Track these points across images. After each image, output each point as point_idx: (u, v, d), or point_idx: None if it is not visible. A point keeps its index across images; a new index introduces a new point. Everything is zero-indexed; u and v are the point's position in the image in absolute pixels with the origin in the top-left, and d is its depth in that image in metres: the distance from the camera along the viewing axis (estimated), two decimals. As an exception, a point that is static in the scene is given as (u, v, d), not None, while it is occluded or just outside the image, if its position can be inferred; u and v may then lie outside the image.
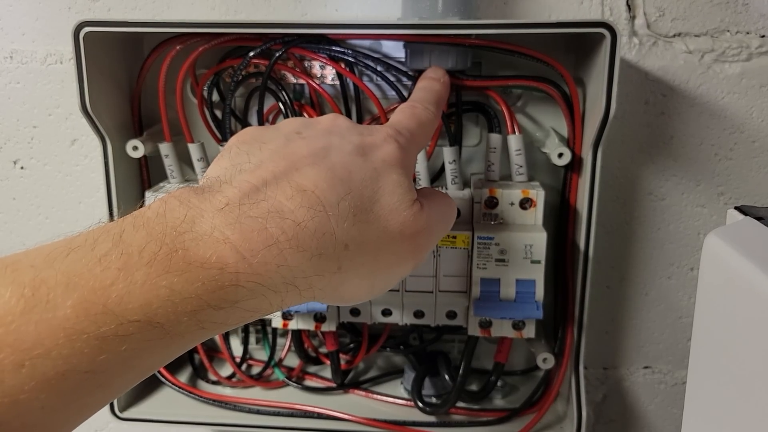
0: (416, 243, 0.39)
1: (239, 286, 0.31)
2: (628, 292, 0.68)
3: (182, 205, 0.33)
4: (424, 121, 0.45)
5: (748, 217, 0.39)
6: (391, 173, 0.38)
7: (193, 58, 0.56)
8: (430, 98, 0.48)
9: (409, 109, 0.46)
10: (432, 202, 0.41)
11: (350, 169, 0.37)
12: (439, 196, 0.44)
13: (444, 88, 0.51)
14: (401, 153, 0.40)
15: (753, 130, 0.62)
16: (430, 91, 0.49)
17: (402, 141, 0.41)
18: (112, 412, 0.61)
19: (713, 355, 0.38)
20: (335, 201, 0.35)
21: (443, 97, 0.50)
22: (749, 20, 0.60)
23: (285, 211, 0.33)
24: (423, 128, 0.45)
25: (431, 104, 0.47)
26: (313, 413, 0.61)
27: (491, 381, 0.61)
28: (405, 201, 0.38)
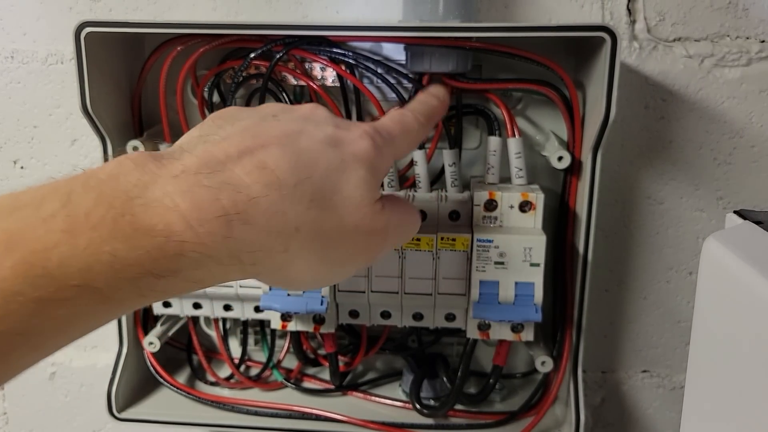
0: (369, 242, 0.39)
1: (183, 255, 0.31)
2: (627, 295, 0.68)
3: (137, 168, 0.32)
4: (409, 129, 0.44)
5: (747, 222, 0.40)
6: (358, 169, 0.38)
7: (193, 59, 0.56)
8: (424, 110, 0.47)
9: (399, 114, 0.45)
10: (394, 208, 0.41)
11: (317, 156, 0.37)
12: (403, 204, 0.44)
13: (441, 106, 0.50)
14: (374, 152, 0.39)
15: (752, 135, 0.63)
16: (426, 105, 0.49)
17: (378, 141, 0.40)
18: (110, 413, 0.60)
19: (712, 359, 0.38)
20: (293, 183, 0.35)
21: (437, 114, 0.50)
22: (749, 25, 0.61)
23: (240, 185, 0.33)
24: (406, 136, 0.44)
25: (423, 116, 0.46)
26: (311, 415, 0.61)
27: (490, 384, 0.61)
28: (366, 198, 0.38)
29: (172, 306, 0.60)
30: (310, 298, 0.53)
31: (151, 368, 0.63)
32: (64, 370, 0.76)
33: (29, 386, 0.77)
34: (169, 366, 0.65)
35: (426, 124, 0.47)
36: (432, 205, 0.55)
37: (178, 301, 0.59)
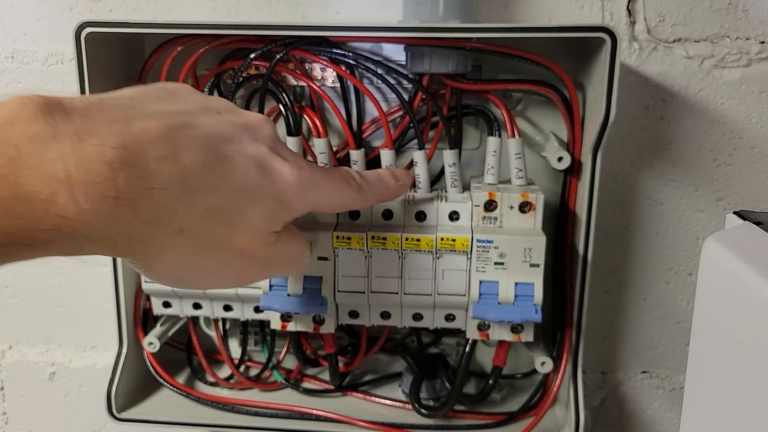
0: (248, 268, 0.39)
1: (59, 230, 0.29)
2: (627, 296, 0.68)
3: (39, 116, 0.29)
4: (345, 190, 0.43)
5: (747, 222, 0.40)
6: (271, 200, 0.37)
7: (194, 59, 0.56)
8: (376, 186, 0.47)
9: (346, 173, 0.44)
10: (289, 242, 0.40)
11: (236, 170, 0.35)
12: (298, 240, 0.43)
13: (397, 190, 0.50)
14: (296, 190, 0.38)
15: (752, 136, 0.63)
16: (381, 183, 0.48)
17: (306, 182, 0.39)
18: (110, 413, 0.60)
19: (712, 360, 0.38)
20: (197, 186, 0.33)
21: (388, 194, 0.49)
22: (749, 26, 0.61)
23: (143, 170, 0.31)
24: (337, 194, 0.43)
25: (371, 191, 0.46)
26: (310, 415, 0.61)
27: (489, 384, 0.61)
28: (266, 229, 0.37)
29: (172, 306, 0.60)
30: (310, 298, 0.53)
31: (150, 368, 0.63)
32: (64, 371, 0.76)
33: (29, 386, 0.77)
34: (169, 366, 0.65)
35: (368, 198, 0.46)
36: (432, 205, 0.55)
37: (178, 301, 0.59)
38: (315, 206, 0.42)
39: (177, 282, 0.38)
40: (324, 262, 0.53)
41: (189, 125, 0.34)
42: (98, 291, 0.73)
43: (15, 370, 0.77)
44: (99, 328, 0.75)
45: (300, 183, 0.38)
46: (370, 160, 0.59)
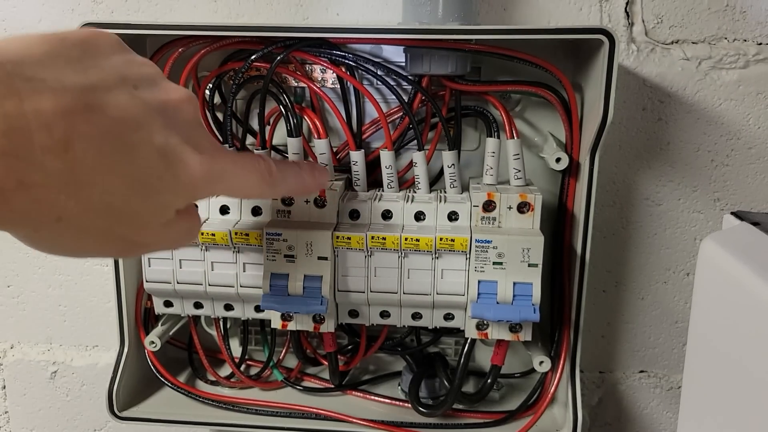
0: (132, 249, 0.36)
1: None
2: (625, 296, 0.68)
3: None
4: (251, 187, 0.41)
5: (744, 223, 0.40)
6: (172, 194, 0.34)
7: (195, 60, 0.56)
8: (289, 182, 0.44)
9: (262, 168, 0.41)
10: (179, 225, 0.37)
11: (136, 162, 0.32)
12: (190, 221, 0.39)
13: (312, 187, 0.47)
14: (203, 182, 0.35)
15: (749, 137, 0.63)
16: (296, 178, 0.45)
17: (215, 172, 0.36)
18: (111, 412, 0.61)
19: (709, 359, 0.38)
20: (86, 182, 0.30)
21: (299, 191, 0.47)
22: (747, 28, 0.61)
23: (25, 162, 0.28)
24: (240, 191, 0.41)
25: (283, 183, 0.43)
26: (310, 414, 0.62)
27: (488, 383, 0.61)
28: (159, 220, 0.35)
29: (173, 306, 0.60)
30: (310, 298, 0.54)
31: (152, 367, 0.64)
32: (66, 370, 0.76)
33: (30, 385, 0.77)
34: (170, 365, 0.65)
35: (278, 192, 0.44)
36: (431, 205, 0.56)
37: (179, 300, 0.60)
38: (220, 194, 0.39)
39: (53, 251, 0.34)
40: (324, 261, 0.54)
41: (92, 108, 0.30)
42: (99, 290, 0.73)
43: (17, 369, 0.77)
44: (100, 328, 0.75)
45: (207, 176, 0.35)
46: (370, 160, 0.60)
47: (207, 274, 0.57)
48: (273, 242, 0.54)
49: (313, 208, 0.55)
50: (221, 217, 0.57)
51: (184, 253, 0.57)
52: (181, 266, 0.57)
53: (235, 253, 0.56)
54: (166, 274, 0.57)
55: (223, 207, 0.57)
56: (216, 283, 0.57)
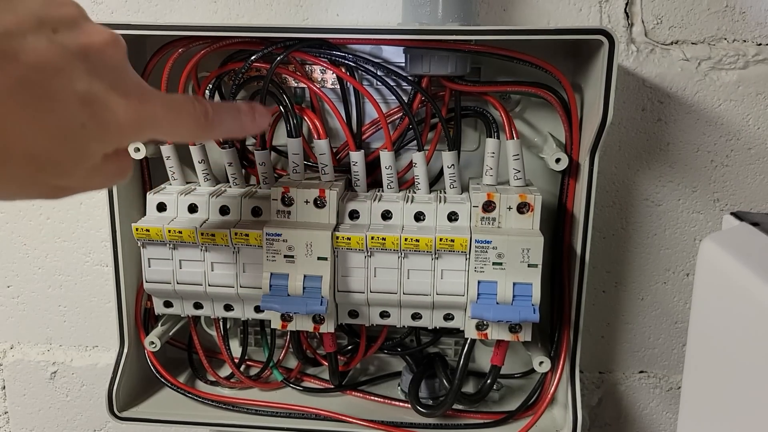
0: (57, 193, 0.34)
1: None
2: (624, 296, 0.68)
3: None
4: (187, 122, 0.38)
5: (743, 223, 0.40)
6: (98, 142, 0.33)
7: (195, 61, 0.56)
8: (226, 124, 0.42)
9: (197, 111, 0.39)
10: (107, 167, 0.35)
11: (56, 111, 0.30)
12: (119, 162, 0.37)
13: (251, 128, 0.45)
14: (132, 127, 0.34)
15: (749, 137, 0.63)
16: (235, 121, 0.43)
17: (145, 115, 0.34)
18: (111, 412, 0.61)
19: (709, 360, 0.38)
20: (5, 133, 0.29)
21: (238, 132, 0.44)
22: (746, 28, 0.61)
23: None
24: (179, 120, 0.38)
25: (217, 114, 0.40)
26: (310, 414, 0.62)
27: (488, 384, 0.61)
28: (83, 167, 0.33)
29: (173, 306, 0.60)
30: (310, 298, 0.54)
31: (151, 368, 0.64)
32: (65, 370, 0.76)
33: (30, 386, 0.77)
34: (170, 366, 0.65)
35: (215, 134, 0.43)
36: (431, 206, 0.56)
37: (179, 301, 0.60)
38: (153, 137, 0.37)
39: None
40: (324, 262, 0.54)
41: (6, 55, 0.29)
42: (99, 291, 0.73)
43: (16, 369, 0.77)
44: (100, 328, 0.75)
45: (135, 122, 0.34)
46: (370, 161, 0.60)
47: (207, 274, 0.57)
48: (273, 242, 0.54)
49: (313, 209, 0.55)
50: (221, 217, 0.57)
51: (184, 253, 0.57)
52: (181, 267, 0.57)
53: (235, 253, 0.56)
54: (166, 274, 0.57)
55: (223, 208, 0.57)
56: (216, 283, 0.57)
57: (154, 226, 0.55)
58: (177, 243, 0.56)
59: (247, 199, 0.57)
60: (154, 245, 0.57)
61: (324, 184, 0.57)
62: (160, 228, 0.55)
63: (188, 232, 0.55)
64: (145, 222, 0.56)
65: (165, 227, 0.55)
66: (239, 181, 0.60)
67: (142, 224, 0.56)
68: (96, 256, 0.72)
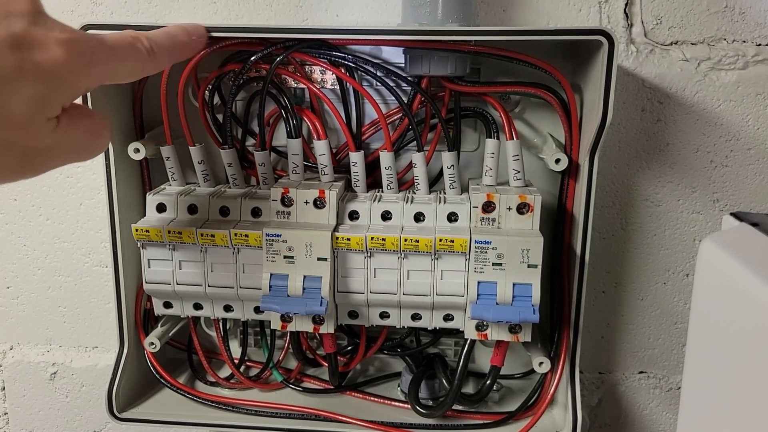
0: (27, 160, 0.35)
1: None
2: (624, 297, 0.68)
3: None
4: (132, 56, 0.39)
5: (743, 223, 0.40)
6: (36, 83, 0.33)
7: (194, 61, 0.56)
8: (165, 42, 0.43)
9: (128, 36, 0.40)
10: (75, 124, 0.37)
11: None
12: (85, 124, 0.38)
13: (192, 45, 0.46)
14: (69, 64, 0.34)
15: (749, 138, 0.63)
16: (173, 41, 0.44)
17: (82, 51, 0.35)
18: (111, 413, 0.61)
19: (708, 360, 0.38)
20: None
21: (180, 52, 0.45)
22: (746, 29, 0.61)
23: None
24: (126, 59, 0.39)
25: (159, 46, 0.41)
26: (310, 415, 0.62)
27: (488, 384, 0.61)
28: (36, 116, 0.33)
29: (172, 307, 0.60)
30: (309, 299, 0.54)
31: (151, 368, 0.64)
32: (65, 371, 0.76)
33: (30, 386, 0.77)
34: (170, 366, 0.65)
35: (161, 60, 0.42)
36: (431, 206, 0.56)
37: (179, 301, 0.60)
38: (103, 80, 0.38)
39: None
40: (323, 262, 0.54)
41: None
42: (99, 291, 0.73)
43: (16, 370, 0.77)
44: (100, 329, 0.75)
45: (76, 59, 0.34)
46: (370, 161, 0.60)
47: (206, 275, 0.57)
48: (272, 243, 0.54)
49: (313, 209, 0.55)
50: (221, 218, 0.57)
51: (184, 254, 0.57)
52: (180, 267, 0.57)
53: (235, 254, 0.56)
54: (166, 275, 0.57)
55: (223, 208, 0.57)
56: (215, 284, 0.57)
57: (154, 227, 0.55)
58: (177, 244, 0.56)
59: (247, 199, 0.57)
60: (154, 246, 0.57)
61: (324, 184, 0.57)
62: (160, 229, 0.55)
63: (188, 233, 0.55)
64: (144, 223, 0.56)
65: (165, 228, 0.55)
66: (239, 182, 0.60)
67: (142, 225, 0.56)
68: (96, 256, 0.72)
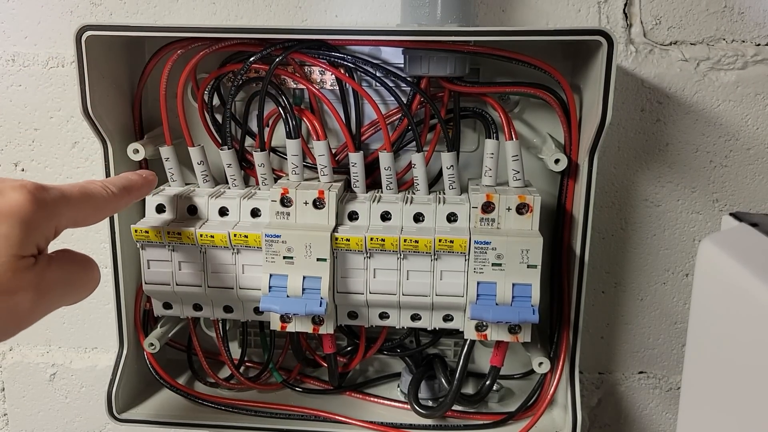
0: (13, 304, 0.37)
1: None
2: (624, 297, 0.68)
3: None
4: (91, 193, 0.44)
5: (742, 224, 0.40)
6: (6, 225, 0.36)
7: (194, 62, 0.56)
8: (118, 182, 0.48)
9: (84, 182, 0.45)
10: (58, 265, 0.40)
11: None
12: (71, 260, 0.42)
13: (139, 180, 0.51)
14: (30, 206, 0.38)
15: (748, 138, 0.63)
16: (122, 177, 0.49)
17: (41, 196, 0.39)
18: (110, 414, 0.61)
19: (708, 360, 0.38)
20: None
21: (135, 186, 0.50)
22: (745, 29, 0.61)
23: None
24: (87, 200, 0.43)
25: (115, 186, 0.46)
26: (310, 416, 0.62)
27: (487, 385, 0.61)
28: (5, 255, 0.36)
29: (172, 307, 0.60)
30: (309, 299, 0.54)
31: (151, 369, 0.64)
32: (65, 372, 0.76)
33: (29, 387, 0.77)
34: (169, 367, 0.65)
35: (117, 193, 0.46)
36: (430, 207, 0.56)
37: (179, 302, 0.60)
38: (71, 220, 0.42)
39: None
40: (323, 263, 0.54)
41: None
42: (99, 292, 0.73)
43: (16, 371, 0.77)
44: (99, 330, 0.75)
45: (31, 197, 0.38)
46: (369, 162, 0.60)
47: (206, 275, 0.57)
48: (272, 244, 0.54)
49: (312, 210, 0.55)
50: (220, 218, 0.57)
51: (184, 254, 0.57)
52: (180, 268, 0.57)
53: (234, 254, 0.56)
54: (166, 276, 0.57)
55: (222, 209, 0.57)
56: (215, 284, 0.57)
57: (153, 228, 0.55)
58: (176, 244, 0.56)
59: (246, 200, 0.57)
60: (153, 247, 0.57)
61: (323, 185, 0.57)
62: (160, 229, 0.55)
63: (187, 234, 0.55)
64: (144, 223, 0.56)
65: (164, 229, 0.55)
66: (238, 183, 0.60)
67: (141, 226, 0.56)
68: (95, 257, 0.72)
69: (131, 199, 0.50)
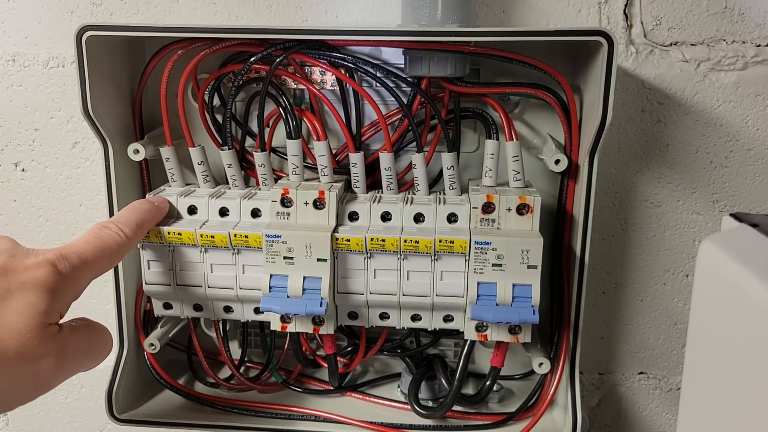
0: (38, 370, 0.39)
1: None
2: (624, 297, 0.68)
3: None
4: (107, 245, 0.46)
5: (742, 224, 0.40)
6: (26, 295, 0.38)
7: (194, 62, 0.56)
8: (131, 219, 0.49)
9: (98, 230, 0.46)
10: (78, 333, 0.42)
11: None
12: (89, 329, 0.44)
13: (151, 211, 0.52)
14: (55, 278, 0.40)
15: (748, 139, 0.63)
16: (135, 211, 0.51)
17: (63, 267, 0.41)
18: (111, 414, 0.61)
19: (708, 361, 0.38)
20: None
21: (147, 220, 0.52)
22: (745, 30, 0.61)
23: None
24: (104, 253, 0.45)
25: (128, 226, 0.48)
26: (310, 416, 0.62)
27: (487, 385, 0.61)
28: (32, 324, 0.38)
29: (172, 308, 0.60)
30: (309, 299, 0.54)
31: (151, 370, 0.64)
32: (64, 372, 0.76)
33: (29, 388, 0.77)
34: (170, 367, 0.65)
35: (132, 234, 0.48)
36: (430, 207, 0.56)
37: (179, 302, 0.60)
38: (94, 273, 0.45)
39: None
40: (323, 263, 0.54)
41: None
42: (99, 292, 0.73)
43: (15, 371, 0.77)
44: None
45: (54, 270, 0.40)
46: (369, 162, 0.60)
47: (206, 276, 0.57)
48: (272, 244, 0.54)
49: (313, 210, 0.55)
50: (220, 219, 0.57)
51: (184, 255, 0.57)
52: (180, 268, 0.57)
53: (235, 254, 0.56)
54: (166, 276, 0.57)
55: (222, 209, 0.57)
56: (215, 285, 0.57)
57: (154, 228, 0.55)
58: (176, 245, 0.56)
59: (247, 200, 0.57)
60: (154, 247, 0.57)
61: (323, 185, 0.57)
62: (160, 230, 0.55)
63: (187, 234, 0.55)
64: (144, 224, 0.56)
65: (164, 229, 0.55)
66: (239, 183, 0.60)
67: (142, 226, 0.56)
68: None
69: (144, 233, 0.52)
